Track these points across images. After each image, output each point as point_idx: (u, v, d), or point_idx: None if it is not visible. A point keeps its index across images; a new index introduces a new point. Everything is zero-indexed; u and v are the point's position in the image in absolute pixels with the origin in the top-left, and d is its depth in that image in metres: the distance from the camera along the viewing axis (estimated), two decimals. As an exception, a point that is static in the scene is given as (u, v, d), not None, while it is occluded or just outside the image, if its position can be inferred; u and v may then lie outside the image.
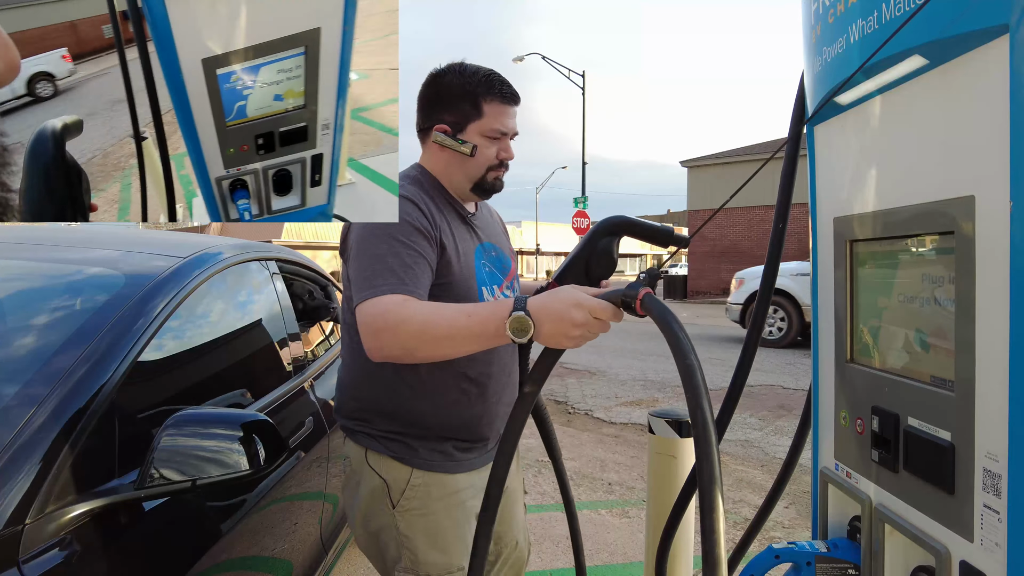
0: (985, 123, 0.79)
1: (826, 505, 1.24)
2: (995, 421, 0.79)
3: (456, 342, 1.14)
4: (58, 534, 1.06)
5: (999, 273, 0.77)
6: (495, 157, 1.40)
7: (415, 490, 1.39)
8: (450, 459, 1.43)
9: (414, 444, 1.40)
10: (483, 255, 1.47)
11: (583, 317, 1.04)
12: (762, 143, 24.23)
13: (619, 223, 1.33)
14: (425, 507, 1.39)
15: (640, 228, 1.33)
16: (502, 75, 1.41)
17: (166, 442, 1.18)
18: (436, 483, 1.40)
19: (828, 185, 1.21)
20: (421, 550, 1.37)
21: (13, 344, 1.40)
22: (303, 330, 2.43)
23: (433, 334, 1.14)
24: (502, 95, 1.38)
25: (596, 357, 8.88)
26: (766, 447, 4.70)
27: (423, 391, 1.39)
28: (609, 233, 1.34)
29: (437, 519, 1.40)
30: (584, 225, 19.87)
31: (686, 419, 1.92)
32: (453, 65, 1.40)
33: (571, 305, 1.05)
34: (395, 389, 1.39)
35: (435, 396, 1.39)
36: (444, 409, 1.40)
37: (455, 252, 1.37)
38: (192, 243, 1.90)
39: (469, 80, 1.37)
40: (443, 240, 1.34)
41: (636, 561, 2.92)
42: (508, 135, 1.42)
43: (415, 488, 1.39)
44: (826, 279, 1.22)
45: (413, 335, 1.15)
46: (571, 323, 1.04)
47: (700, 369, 0.89)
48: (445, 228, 1.36)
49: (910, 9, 0.88)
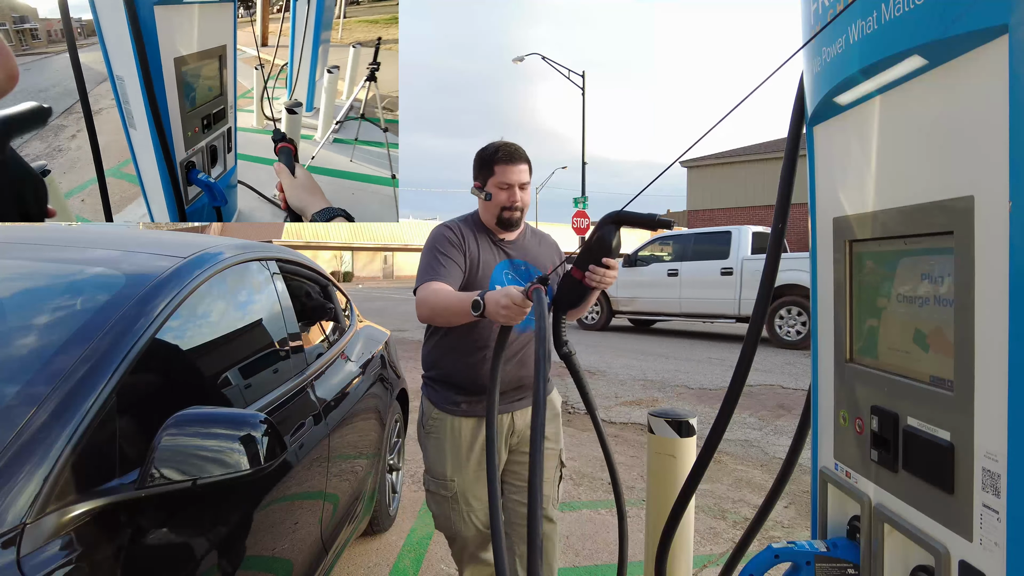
0: (984, 123, 0.79)
1: (825, 505, 1.24)
2: (994, 420, 0.79)
3: (450, 313, 1.82)
4: (59, 534, 1.06)
5: (998, 273, 0.77)
6: (506, 201, 2.02)
7: (434, 421, 2.13)
8: (456, 407, 2.10)
9: (439, 390, 2.12)
10: (509, 268, 2.11)
11: (506, 302, 1.63)
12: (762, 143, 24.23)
13: (613, 216, 1.67)
14: (438, 433, 2.12)
15: (630, 217, 1.65)
16: (512, 144, 2.05)
17: (167, 442, 1.19)
18: (446, 419, 2.11)
19: (828, 185, 1.22)
20: (430, 460, 2.15)
21: (14, 344, 1.40)
22: (303, 330, 2.43)
23: (441, 307, 1.84)
24: (505, 158, 2.01)
25: (596, 357, 8.88)
26: (766, 447, 4.70)
27: (455, 354, 2.08)
28: (609, 223, 1.68)
29: (441, 443, 2.11)
30: (584, 225, 19.87)
31: (686, 419, 1.92)
32: (486, 145, 2.10)
33: (501, 295, 1.65)
34: (441, 351, 2.12)
35: (462, 356, 2.06)
36: (465, 365, 2.06)
37: (476, 261, 2.04)
38: (193, 243, 1.91)
39: (486, 152, 2.05)
40: (468, 253, 2.03)
41: (636, 560, 2.92)
42: (514, 185, 2.01)
43: (434, 420, 2.13)
44: (826, 279, 1.22)
45: (430, 306, 1.87)
46: (499, 305, 1.65)
47: (548, 358, 1.44)
48: (472, 246, 2.04)
49: (910, 9, 0.88)
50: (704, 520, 3.34)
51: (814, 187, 1.26)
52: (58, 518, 1.07)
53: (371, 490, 2.78)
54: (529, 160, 2.06)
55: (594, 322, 11.71)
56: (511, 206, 2.01)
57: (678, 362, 8.51)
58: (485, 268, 2.04)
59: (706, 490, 3.77)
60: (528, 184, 2.07)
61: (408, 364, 8.03)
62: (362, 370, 2.94)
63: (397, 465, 3.46)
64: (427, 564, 2.89)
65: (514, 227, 2.08)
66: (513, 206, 2.01)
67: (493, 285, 2.03)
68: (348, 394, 2.62)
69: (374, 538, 3.11)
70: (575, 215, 19.83)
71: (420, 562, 2.91)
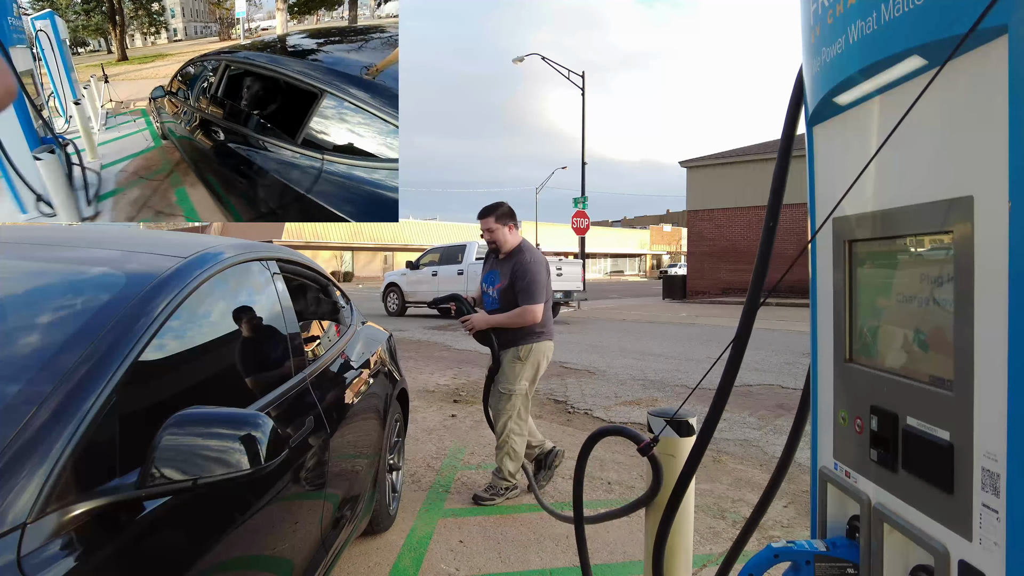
0: (984, 123, 0.79)
1: (825, 504, 1.24)
2: (994, 420, 0.79)
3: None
4: (59, 533, 1.06)
5: (998, 273, 0.78)
6: (485, 238, 3.67)
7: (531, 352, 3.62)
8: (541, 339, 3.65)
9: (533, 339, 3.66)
10: (491, 275, 3.69)
11: None
12: (762, 143, 24.22)
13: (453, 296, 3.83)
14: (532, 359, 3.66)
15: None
16: (484, 207, 3.64)
17: (167, 441, 1.18)
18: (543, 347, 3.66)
19: (827, 185, 1.22)
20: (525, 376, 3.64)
21: (15, 343, 1.40)
22: (303, 330, 2.43)
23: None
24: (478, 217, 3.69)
25: (596, 357, 8.88)
26: (765, 447, 4.71)
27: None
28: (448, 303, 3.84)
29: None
30: (584, 225, 19.86)
31: (686, 419, 1.92)
32: None
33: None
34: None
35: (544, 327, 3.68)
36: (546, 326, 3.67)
37: (484, 268, 3.80)
38: (194, 243, 1.91)
39: None
40: (484, 263, 3.85)
41: (636, 560, 2.92)
42: (483, 229, 3.63)
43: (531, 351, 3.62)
44: (825, 279, 1.22)
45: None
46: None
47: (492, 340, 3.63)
48: (485, 261, 3.85)
49: (910, 9, 0.88)
50: (704, 520, 3.35)
51: (814, 187, 1.26)
52: (59, 518, 1.07)
53: (371, 490, 2.78)
54: (489, 215, 3.57)
55: (395, 309, 16.44)
56: (488, 241, 3.67)
57: (678, 362, 8.51)
58: (481, 276, 3.88)
59: (705, 490, 3.78)
60: (490, 230, 3.57)
61: (408, 364, 8.04)
62: (362, 370, 2.94)
63: (397, 465, 3.47)
64: (427, 564, 2.89)
65: (499, 253, 3.68)
66: (488, 241, 3.66)
67: (482, 284, 3.81)
68: (348, 394, 2.62)
69: (374, 538, 3.11)
70: (575, 215, 19.82)
71: (420, 562, 2.91)
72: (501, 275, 3.55)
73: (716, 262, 24.29)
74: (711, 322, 14.49)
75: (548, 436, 4.96)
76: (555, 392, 6.60)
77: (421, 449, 4.62)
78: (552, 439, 5.03)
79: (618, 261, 69.77)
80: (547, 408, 5.97)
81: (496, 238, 3.53)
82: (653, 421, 1.95)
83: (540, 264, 3.56)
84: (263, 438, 1.27)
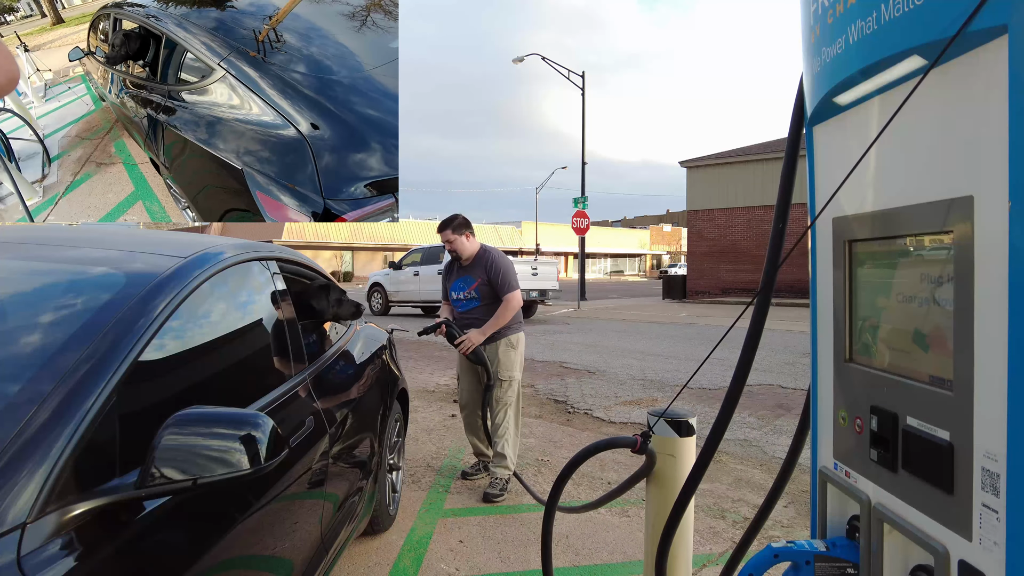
0: (984, 123, 0.79)
1: (825, 504, 1.24)
2: (994, 420, 0.79)
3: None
4: (59, 533, 1.06)
5: (998, 273, 0.78)
6: (448, 247, 3.95)
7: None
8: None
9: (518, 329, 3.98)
10: (461, 281, 3.95)
11: None
12: (762, 143, 24.22)
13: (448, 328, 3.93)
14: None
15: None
16: (443, 220, 3.90)
17: (167, 441, 1.18)
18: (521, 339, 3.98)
19: (827, 185, 1.22)
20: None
21: (15, 343, 1.40)
22: (303, 330, 2.43)
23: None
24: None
25: (596, 357, 8.88)
26: (765, 446, 4.71)
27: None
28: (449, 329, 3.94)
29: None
30: (584, 225, 19.85)
31: (686, 419, 1.92)
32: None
33: None
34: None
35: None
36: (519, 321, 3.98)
37: (447, 278, 4.08)
38: (194, 243, 1.91)
39: None
40: (447, 273, 4.10)
41: (636, 560, 2.92)
42: (443, 241, 3.91)
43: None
44: (825, 279, 1.22)
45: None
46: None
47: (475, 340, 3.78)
48: (448, 271, 4.10)
49: (910, 9, 0.88)
50: (704, 520, 3.35)
51: (814, 187, 1.27)
52: (59, 517, 1.07)
53: (371, 490, 2.78)
54: (447, 228, 3.85)
55: (378, 309, 16.34)
56: (449, 251, 3.95)
57: (678, 362, 8.51)
58: (447, 283, 4.08)
59: (706, 490, 3.78)
60: (450, 241, 3.85)
61: (408, 364, 8.04)
62: (362, 370, 2.94)
63: (397, 465, 3.47)
64: (427, 564, 2.89)
65: (461, 260, 3.94)
66: (450, 251, 3.94)
67: (451, 291, 4.03)
68: (348, 394, 2.62)
69: (374, 538, 3.11)
70: (575, 215, 19.81)
71: (420, 562, 2.91)
72: (474, 276, 3.88)
73: (716, 262, 24.28)
74: (711, 322, 14.49)
75: (548, 436, 4.96)
76: (555, 392, 6.60)
77: (421, 449, 4.62)
78: (552, 439, 5.03)
79: (618, 261, 69.77)
80: (547, 408, 5.97)
81: (457, 247, 3.86)
82: (653, 421, 1.95)
83: (507, 258, 4.03)
84: (263, 438, 1.27)
